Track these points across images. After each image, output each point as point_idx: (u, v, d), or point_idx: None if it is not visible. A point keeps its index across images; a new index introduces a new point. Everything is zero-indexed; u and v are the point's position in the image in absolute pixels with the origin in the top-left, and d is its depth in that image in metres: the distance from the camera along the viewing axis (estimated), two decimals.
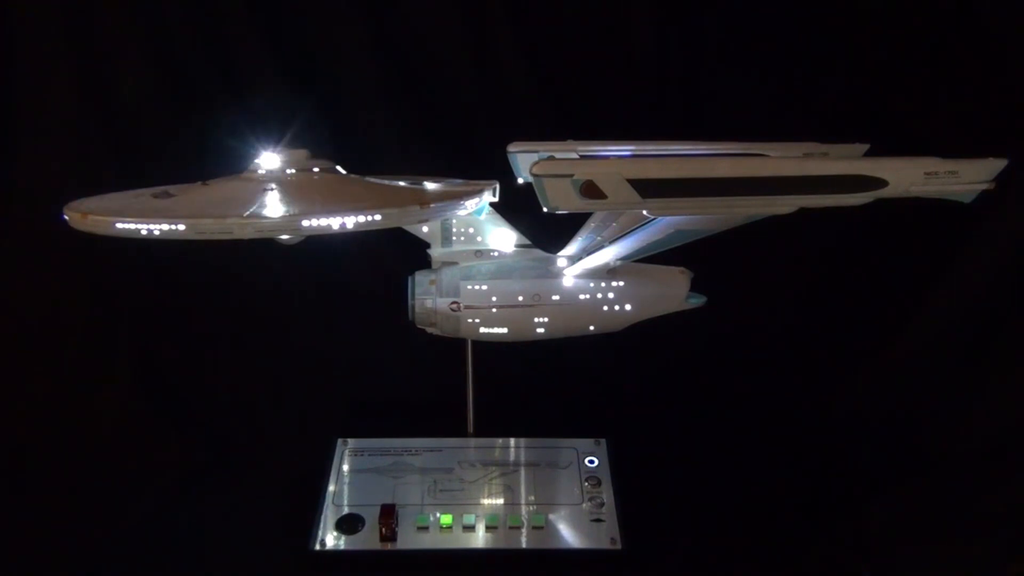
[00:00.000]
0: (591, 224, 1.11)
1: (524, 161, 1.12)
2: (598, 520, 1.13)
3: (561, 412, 1.42)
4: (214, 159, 1.11)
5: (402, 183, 1.09)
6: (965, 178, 0.87)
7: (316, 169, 1.01)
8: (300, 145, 1.02)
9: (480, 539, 1.11)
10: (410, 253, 1.19)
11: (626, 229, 1.05)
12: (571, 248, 1.16)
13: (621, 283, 1.12)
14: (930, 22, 1.45)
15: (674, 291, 1.15)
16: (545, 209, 0.87)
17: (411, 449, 1.25)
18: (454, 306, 1.11)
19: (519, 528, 1.12)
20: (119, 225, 0.85)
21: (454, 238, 1.16)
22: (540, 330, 1.13)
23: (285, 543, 1.12)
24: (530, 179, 0.87)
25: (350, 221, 0.85)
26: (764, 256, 1.49)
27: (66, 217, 0.90)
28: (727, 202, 0.89)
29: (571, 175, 0.85)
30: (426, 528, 1.11)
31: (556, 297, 1.12)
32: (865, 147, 1.13)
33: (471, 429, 1.28)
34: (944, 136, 1.37)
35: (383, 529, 1.09)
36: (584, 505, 1.16)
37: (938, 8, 1.44)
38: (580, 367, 1.47)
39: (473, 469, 1.22)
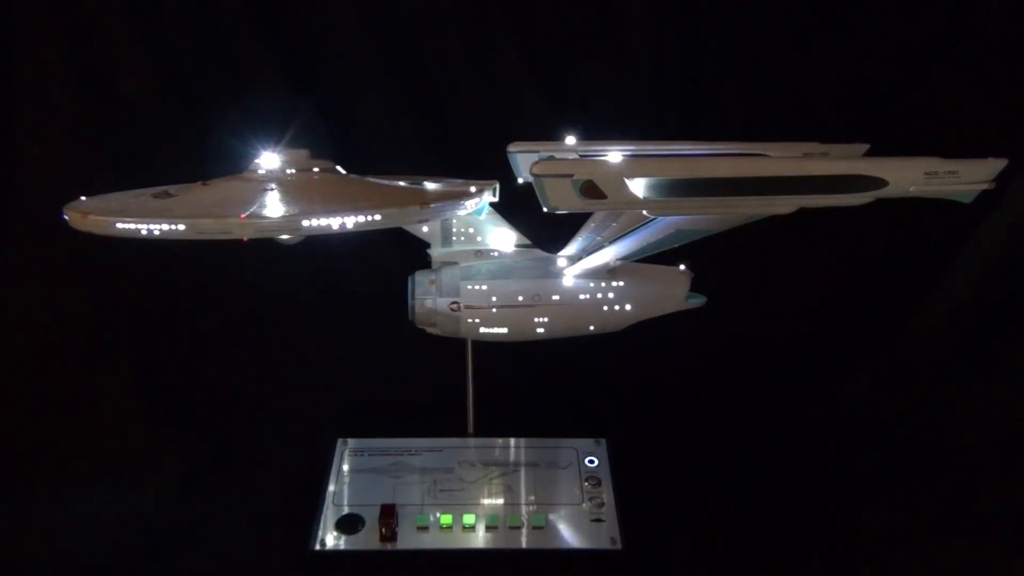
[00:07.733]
0: (591, 224, 1.11)
1: (524, 161, 1.12)
2: (598, 520, 1.13)
3: (561, 412, 1.41)
4: (214, 159, 1.11)
5: (402, 183, 1.09)
6: (965, 178, 0.87)
7: (316, 169, 1.01)
8: (300, 145, 1.02)
9: (480, 539, 1.10)
10: (410, 253, 1.19)
11: (626, 229, 1.05)
12: (571, 248, 1.16)
13: (621, 283, 1.12)
14: (930, 22, 1.45)
15: (674, 291, 1.14)
16: (545, 209, 0.87)
17: (411, 449, 1.24)
18: (454, 306, 1.11)
19: (519, 528, 1.12)
20: (119, 225, 0.85)
21: (454, 238, 1.16)
22: (540, 330, 1.12)
23: (285, 543, 1.12)
24: (530, 179, 0.88)
25: (350, 221, 0.85)
26: (764, 256, 1.49)
27: (66, 217, 0.90)
28: (727, 202, 0.89)
29: (571, 175, 0.85)
30: (426, 528, 1.11)
31: (556, 297, 1.11)
32: (865, 147, 1.13)
33: (471, 429, 1.28)
34: (944, 136, 1.37)
35: (383, 529, 1.09)
36: (584, 505, 1.16)
37: (938, 8, 1.44)
38: (580, 367, 1.47)
39: (473, 469, 1.21)
